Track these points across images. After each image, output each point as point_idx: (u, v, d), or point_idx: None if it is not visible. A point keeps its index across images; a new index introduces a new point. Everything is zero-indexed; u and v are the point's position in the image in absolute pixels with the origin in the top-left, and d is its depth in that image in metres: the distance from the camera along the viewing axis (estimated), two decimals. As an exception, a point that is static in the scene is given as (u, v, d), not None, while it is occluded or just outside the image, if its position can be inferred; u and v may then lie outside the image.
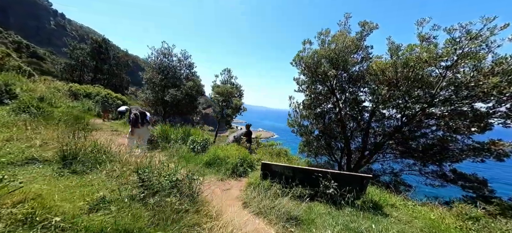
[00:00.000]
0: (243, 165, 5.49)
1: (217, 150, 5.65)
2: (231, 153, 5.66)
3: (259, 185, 4.32)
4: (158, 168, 2.72)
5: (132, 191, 2.24)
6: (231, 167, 5.05)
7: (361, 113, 9.08)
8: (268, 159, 9.23)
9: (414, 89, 6.41)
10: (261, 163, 4.59)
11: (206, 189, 3.93)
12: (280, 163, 7.98)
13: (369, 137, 8.95)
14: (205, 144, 6.12)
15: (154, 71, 12.58)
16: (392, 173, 8.39)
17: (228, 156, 5.42)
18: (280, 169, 4.56)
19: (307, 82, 9.84)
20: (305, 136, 10.32)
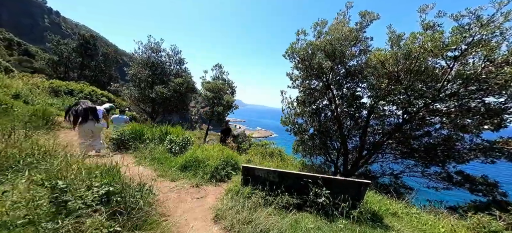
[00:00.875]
0: (225, 168, 4.83)
1: (197, 151, 4.98)
2: (212, 154, 5.00)
3: (238, 192, 3.67)
4: (89, 175, 2.05)
5: (35, 210, 1.59)
6: (211, 171, 4.39)
7: (359, 110, 8.45)
8: (259, 160, 8.59)
9: (417, 83, 5.78)
10: (242, 167, 3.94)
11: (173, 198, 3.28)
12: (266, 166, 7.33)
13: (368, 136, 8.34)
14: (185, 144, 5.45)
15: (139, 67, 11.85)
16: (392, 174, 7.79)
17: (209, 157, 4.76)
18: (264, 173, 3.91)
19: (301, 76, 9.17)
20: (299, 135, 9.68)
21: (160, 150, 4.95)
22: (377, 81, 6.48)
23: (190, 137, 5.82)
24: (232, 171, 5.03)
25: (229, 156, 5.43)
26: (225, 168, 4.84)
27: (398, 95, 6.17)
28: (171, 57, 13.93)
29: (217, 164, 4.62)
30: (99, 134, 5.05)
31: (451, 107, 5.71)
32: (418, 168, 7.23)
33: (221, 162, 4.83)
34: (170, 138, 5.38)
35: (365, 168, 8.45)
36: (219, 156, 5.02)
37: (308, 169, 10.16)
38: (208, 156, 4.81)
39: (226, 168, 4.86)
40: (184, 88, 12.03)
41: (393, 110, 7.38)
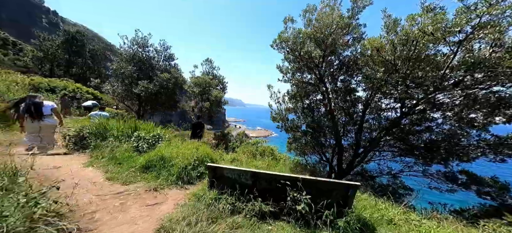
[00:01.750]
0: (197, 168, 4.22)
1: (165, 148, 4.37)
2: (184, 152, 4.39)
3: (200, 198, 3.06)
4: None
5: None
6: (177, 171, 3.78)
7: (354, 104, 7.81)
8: (245, 160, 7.96)
9: (417, 71, 5.15)
10: (207, 167, 3.33)
11: (113, 206, 2.66)
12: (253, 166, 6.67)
13: (363, 132, 7.71)
14: (155, 141, 4.84)
15: (123, 62, 11.23)
16: (390, 174, 7.16)
17: (178, 155, 4.15)
18: (234, 174, 3.30)
19: (292, 69, 8.54)
20: (291, 132, 9.05)
21: (124, 148, 4.34)
22: (372, 71, 5.84)
23: (164, 134, 5.21)
24: (206, 171, 4.42)
25: (204, 155, 4.82)
26: (196, 168, 4.23)
27: (396, 85, 5.53)
28: (160, 53, 13.31)
29: (187, 164, 4.01)
30: (50, 132, 4.45)
31: (456, 98, 5.08)
32: (418, 167, 6.61)
33: (192, 161, 4.22)
34: (137, 134, 4.76)
35: (361, 167, 7.82)
36: (191, 154, 4.41)
37: (301, 169, 9.53)
38: (178, 154, 4.19)
39: (198, 168, 4.25)
40: (172, 84, 11.41)
41: (390, 104, 6.74)
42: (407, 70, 5.43)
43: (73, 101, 12.98)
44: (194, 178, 4.04)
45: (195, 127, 6.57)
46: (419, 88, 4.98)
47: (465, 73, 4.72)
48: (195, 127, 6.55)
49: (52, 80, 13.48)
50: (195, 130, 6.48)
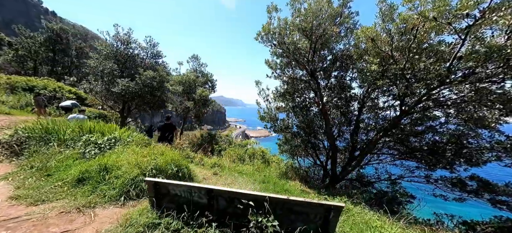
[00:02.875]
0: (152, 177, 3.48)
1: (115, 155, 3.63)
2: (140, 158, 3.65)
3: (133, 223, 2.33)
4: None
5: None
6: (122, 184, 3.05)
7: (349, 102, 7.07)
8: (228, 164, 7.22)
9: (418, 63, 4.41)
10: (146, 182, 2.61)
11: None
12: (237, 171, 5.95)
13: (360, 133, 6.98)
14: (110, 146, 4.10)
15: (101, 58, 10.50)
16: (390, 179, 6.42)
17: (129, 163, 3.41)
18: (185, 191, 2.57)
19: (281, 64, 7.80)
20: (282, 133, 8.31)
21: (66, 155, 3.62)
22: (367, 64, 5.10)
23: (124, 137, 4.48)
24: None
25: (170, 161, 4.09)
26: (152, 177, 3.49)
27: (393, 80, 4.78)
28: (146, 50, 12.58)
29: (138, 174, 3.27)
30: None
31: (465, 93, 4.34)
32: (420, 172, 5.87)
33: (148, 171, 3.49)
34: (86, 138, 4.03)
35: (357, 172, 7.08)
36: (149, 161, 3.67)
37: (293, 173, 8.77)
38: (130, 161, 3.45)
39: (155, 177, 3.51)
40: (157, 82, 10.69)
41: (388, 101, 6.00)
42: (407, 63, 4.69)
43: (53, 101, 12.24)
44: (146, 192, 3.29)
45: (164, 129, 5.78)
46: (422, 83, 4.25)
47: (476, 65, 3.98)
48: (163, 130, 5.76)
49: (31, 79, 12.75)
50: (163, 133, 5.69)
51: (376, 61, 4.68)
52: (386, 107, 6.29)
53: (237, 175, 6.17)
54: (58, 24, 18.92)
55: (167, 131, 5.77)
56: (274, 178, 6.96)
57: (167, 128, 5.86)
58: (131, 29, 11.10)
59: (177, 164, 4.28)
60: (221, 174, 5.85)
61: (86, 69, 10.86)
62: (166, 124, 5.90)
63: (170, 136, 5.78)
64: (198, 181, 4.70)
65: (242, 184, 5.20)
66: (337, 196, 5.48)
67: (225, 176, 5.70)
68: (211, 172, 5.81)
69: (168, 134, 5.71)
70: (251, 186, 5.19)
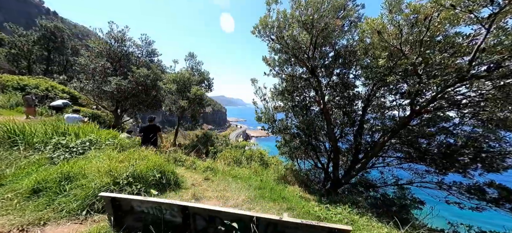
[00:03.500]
0: (131, 187, 3.03)
1: (81, 162, 3.18)
2: (114, 164, 3.19)
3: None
4: None
5: None
6: (85, 196, 2.59)
7: (353, 101, 6.56)
8: (223, 167, 6.76)
9: (433, 57, 3.89)
10: (103, 198, 2.15)
11: None
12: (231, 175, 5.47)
13: (364, 135, 6.47)
14: (84, 150, 3.65)
15: (93, 56, 10.07)
16: (397, 184, 5.90)
17: (99, 170, 2.95)
18: (152, 208, 2.10)
19: (280, 60, 7.31)
20: (280, 134, 7.82)
21: (31, 160, 3.18)
22: (373, 59, 4.59)
23: (101, 139, 4.03)
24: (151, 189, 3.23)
25: (151, 167, 3.63)
26: (130, 187, 3.04)
27: (403, 76, 4.27)
28: (141, 48, 12.15)
29: (108, 183, 2.81)
30: None
31: (484, 90, 3.82)
32: (431, 177, 5.35)
33: (123, 179, 3.03)
34: (56, 141, 3.58)
35: (361, 176, 6.56)
36: (125, 168, 3.21)
37: (293, 177, 8.28)
38: (100, 169, 2.99)
39: (132, 187, 3.05)
40: (151, 80, 10.25)
41: (396, 100, 5.48)
42: (419, 57, 4.17)
43: (46, 100, 11.86)
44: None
45: (147, 131, 5.27)
46: (438, 79, 3.73)
47: (502, 58, 3.46)
48: (146, 132, 5.26)
49: (22, 78, 12.40)
50: (146, 135, 5.19)
51: (384, 55, 4.17)
52: (394, 106, 5.77)
53: (231, 179, 5.70)
54: (52, 22, 18.58)
55: (150, 133, 5.27)
56: (272, 182, 6.48)
57: (151, 129, 5.36)
58: (127, 26, 10.71)
59: (160, 169, 3.83)
60: (213, 179, 5.39)
61: (77, 67, 10.45)
62: (149, 126, 5.41)
63: (154, 138, 5.29)
64: (186, 188, 4.25)
65: (236, 191, 4.73)
66: (340, 203, 4.99)
67: (217, 181, 5.23)
68: (202, 176, 5.35)
69: (152, 136, 5.21)
70: (245, 193, 4.72)
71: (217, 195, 4.25)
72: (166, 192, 3.75)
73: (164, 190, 3.77)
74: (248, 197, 4.41)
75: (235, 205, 3.95)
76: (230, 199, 4.18)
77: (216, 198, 4.09)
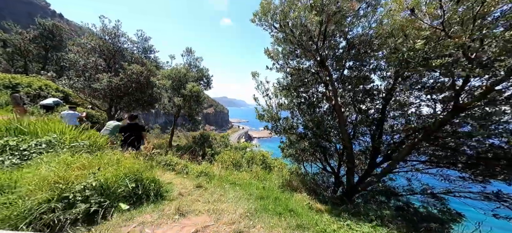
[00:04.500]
0: (86, 202, 2.26)
1: (21, 170, 2.44)
2: (68, 173, 2.42)
3: None
4: None
5: None
6: (27, 210, 1.82)
7: (373, 96, 5.65)
8: (219, 172, 5.95)
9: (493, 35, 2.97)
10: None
11: None
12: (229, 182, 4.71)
13: (385, 135, 5.58)
14: (40, 152, 2.90)
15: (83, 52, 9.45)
16: (428, 193, 4.95)
17: (41, 181, 2.19)
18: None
19: (284, 52, 6.48)
20: (285, 135, 6.98)
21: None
22: (405, 43, 3.67)
23: (66, 140, 3.29)
24: (120, 203, 2.47)
25: (120, 176, 2.86)
26: (85, 202, 2.26)
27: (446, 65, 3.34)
28: (136, 44, 11.52)
29: (44, 200, 2.04)
30: None
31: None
32: (469, 185, 4.41)
33: (74, 192, 2.26)
34: (4, 142, 2.84)
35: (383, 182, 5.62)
36: (84, 176, 2.44)
37: (299, 182, 7.42)
38: (46, 178, 2.23)
39: (89, 201, 2.28)
40: (144, 77, 9.56)
41: (428, 94, 4.54)
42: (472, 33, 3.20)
43: (38, 99, 11.31)
44: (67, 222, 2.06)
45: (127, 131, 4.45)
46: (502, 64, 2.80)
47: None
48: (126, 132, 4.43)
49: (15, 77, 11.90)
50: (127, 136, 4.35)
51: (424, 34, 3.27)
52: (422, 101, 4.85)
53: (229, 187, 4.88)
54: (50, 21, 18.21)
55: (131, 132, 4.44)
56: (276, 190, 5.62)
57: (132, 129, 4.56)
58: (118, 20, 10.07)
59: (136, 177, 3.03)
60: (207, 186, 4.57)
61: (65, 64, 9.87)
62: (130, 125, 4.61)
63: (135, 140, 4.48)
64: (170, 199, 3.45)
65: (233, 201, 3.91)
66: (361, 216, 4.11)
67: (211, 189, 4.42)
68: (194, 183, 4.55)
69: (134, 137, 4.37)
70: (244, 204, 3.89)
71: (209, 207, 3.44)
72: (143, 205, 2.96)
73: (140, 203, 2.97)
74: (248, 211, 3.58)
75: (231, 221, 3.13)
76: (224, 213, 3.36)
77: (206, 212, 3.28)
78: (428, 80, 4.53)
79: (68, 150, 3.09)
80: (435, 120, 3.83)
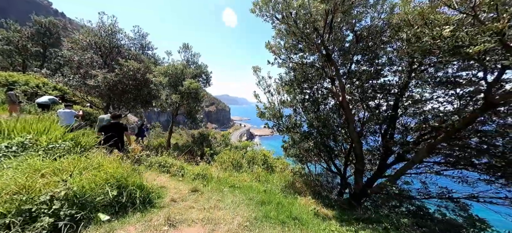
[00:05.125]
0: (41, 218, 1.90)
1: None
2: (34, 181, 2.07)
3: None
4: None
5: None
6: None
7: (387, 91, 5.16)
8: (218, 173, 5.58)
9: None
10: None
11: None
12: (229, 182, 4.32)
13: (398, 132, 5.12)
14: (13, 156, 2.56)
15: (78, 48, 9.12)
16: (444, 197, 4.48)
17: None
18: None
19: (287, 46, 6.04)
20: (288, 133, 6.57)
21: None
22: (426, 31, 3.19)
23: (41, 142, 2.93)
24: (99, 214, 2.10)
25: (99, 181, 2.50)
26: (41, 219, 1.90)
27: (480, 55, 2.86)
28: (133, 40, 11.16)
29: (7, 210, 1.69)
30: None
31: None
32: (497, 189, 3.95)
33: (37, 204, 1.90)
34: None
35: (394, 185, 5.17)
36: (53, 184, 2.08)
37: (302, 183, 7.02)
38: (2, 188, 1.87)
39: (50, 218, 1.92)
40: (141, 74, 9.21)
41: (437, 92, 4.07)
42: None
43: (35, 97, 11.09)
44: None
45: (108, 131, 4.00)
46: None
47: None
48: (107, 131, 3.98)
49: (12, 75, 11.68)
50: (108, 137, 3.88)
51: (454, 20, 2.81)
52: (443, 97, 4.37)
53: (227, 190, 4.51)
54: (47, 18, 17.97)
55: (113, 133, 3.98)
56: (278, 193, 5.23)
57: (113, 129, 4.13)
58: (114, 16, 9.71)
59: (119, 183, 2.67)
60: (203, 190, 4.20)
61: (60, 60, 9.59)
62: (112, 124, 4.21)
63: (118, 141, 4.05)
64: (160, 206, 3.08)
65: (231, 208, 3.54)
66: (375, 224, 3.69)
67: (208, 194, 4.05)
68: (189, 187, 4.18)
69: (115, 138, 3.91)
70: (244, 210, 3.51)
71: (203, 216, 3.06)
72: (127, 215, 2.60)
73: (124, 212, 2.61)
74: (247, 219, 3.20)
75: (228, 232, 2.77)
76: (221, 223, 2.98)
77: (200, 222, 2.91)
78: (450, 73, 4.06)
79: (44, 153, 2.74)
80: (461, 118, 3.38)
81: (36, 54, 17.27)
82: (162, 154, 5.58)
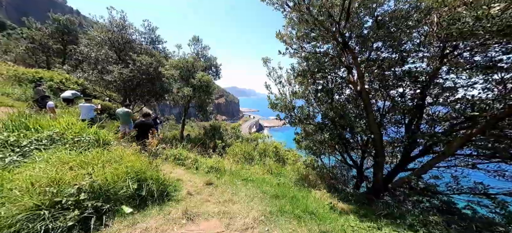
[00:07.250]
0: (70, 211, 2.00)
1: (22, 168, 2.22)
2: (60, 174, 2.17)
3: None
4: None
5: None
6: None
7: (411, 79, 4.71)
8: (230, 165, 5.62)
9: None
10: None
11: None
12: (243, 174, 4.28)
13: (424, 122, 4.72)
14: (41, 149, 2.71)
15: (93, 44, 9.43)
16: (477, 192, 4.11)
17: (31, 183, 1.94)
18: None
19: (299, 35, 5.69)
20: (301, 125, 6.38)
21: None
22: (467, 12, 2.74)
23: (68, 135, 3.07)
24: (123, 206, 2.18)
25: (120, 175, 2.58)
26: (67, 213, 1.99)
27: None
28: (144, 35, 11.30)
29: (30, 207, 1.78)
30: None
31: None
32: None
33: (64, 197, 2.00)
34: (5, 137, 2.67)
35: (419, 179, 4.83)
36: (79, 178, 2.17)
37: (315, 176, 6.88)
38: (33, 181, 1.97)
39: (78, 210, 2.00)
40: (154, 68, 9.37)
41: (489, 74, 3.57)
42: None
43: (60, 93, 11.89)
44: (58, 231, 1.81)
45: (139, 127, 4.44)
46: None
47: None
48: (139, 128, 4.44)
49: (38, 71, 12.52)
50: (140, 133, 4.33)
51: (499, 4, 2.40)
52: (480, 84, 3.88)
53: (241, 183, 4.53)
54: (64, 16, 18.77)
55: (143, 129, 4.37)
56: (292, 187, 5.17)
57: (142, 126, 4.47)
58: (123, 11, 9.82)
59: (139, 176, 2.74)
60: (217, 183, 4.26)
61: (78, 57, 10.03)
62: (143, 122, 4.56)
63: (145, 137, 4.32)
64: (177, 199, 3.16)
65: (246, 201, 3.55)
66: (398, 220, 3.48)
67: (222, 187, 4.09)
68: (204, 180, 4.25)
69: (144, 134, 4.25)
70: (258, 204, 3.50)
71: (219, 209, 3.10)
72: (147, 207, 2.69)
73: (145, 205, 2.71)
74: (262, 213, 3.18)
75: (244, 227, 2.76)
76: (237, 217, 3.00)
77: (217, 216, 2.94)
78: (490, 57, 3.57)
79: (71, 146, 2.88)
80: (506, 105, 2.98)
81: (57, 51, 18.28)
82: (176, 146, 5.72)
